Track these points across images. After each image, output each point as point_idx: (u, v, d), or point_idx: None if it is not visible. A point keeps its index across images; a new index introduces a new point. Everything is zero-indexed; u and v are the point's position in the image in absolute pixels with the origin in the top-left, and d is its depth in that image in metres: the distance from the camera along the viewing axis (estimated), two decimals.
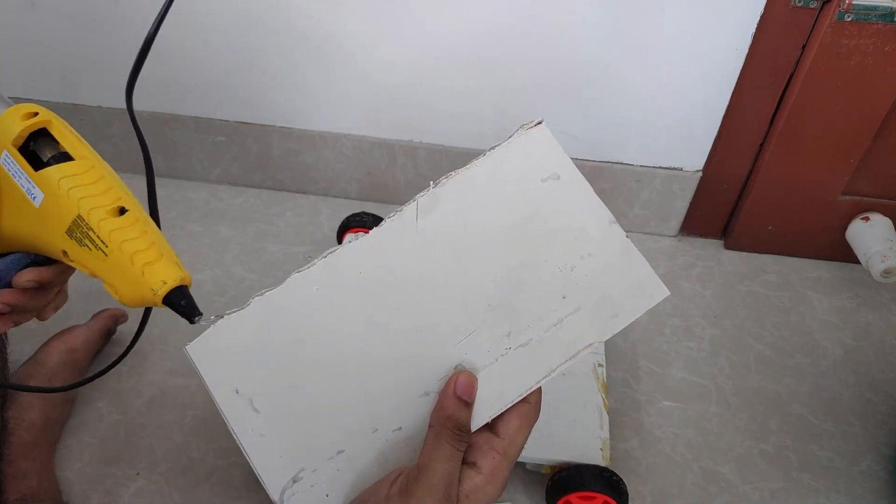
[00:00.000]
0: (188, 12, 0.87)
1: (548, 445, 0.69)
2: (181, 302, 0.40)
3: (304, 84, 0.96)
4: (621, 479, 0.67)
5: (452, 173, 0.42)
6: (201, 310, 0.40)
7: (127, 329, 0.87)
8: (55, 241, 0.41)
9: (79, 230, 0.39)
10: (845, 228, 0.97)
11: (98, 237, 0.39)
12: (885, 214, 0.94)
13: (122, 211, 0.40)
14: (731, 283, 0.99)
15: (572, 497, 0.67)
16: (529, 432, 0.42)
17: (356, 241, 0.40)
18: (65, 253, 0.41)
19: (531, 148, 0.42)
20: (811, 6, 0.77)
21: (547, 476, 0.70)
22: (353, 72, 0.93)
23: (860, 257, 0.94)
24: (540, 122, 0.43)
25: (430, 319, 0.41)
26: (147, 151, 0.46)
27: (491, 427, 0.42)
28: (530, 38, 0.85)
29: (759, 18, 0.79)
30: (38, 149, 0.41)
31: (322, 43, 0.90)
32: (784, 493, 0.76)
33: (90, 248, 0.40)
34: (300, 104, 0.98)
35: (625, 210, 1.02)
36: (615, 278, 0.42)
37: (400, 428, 0.41)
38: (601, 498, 0.66)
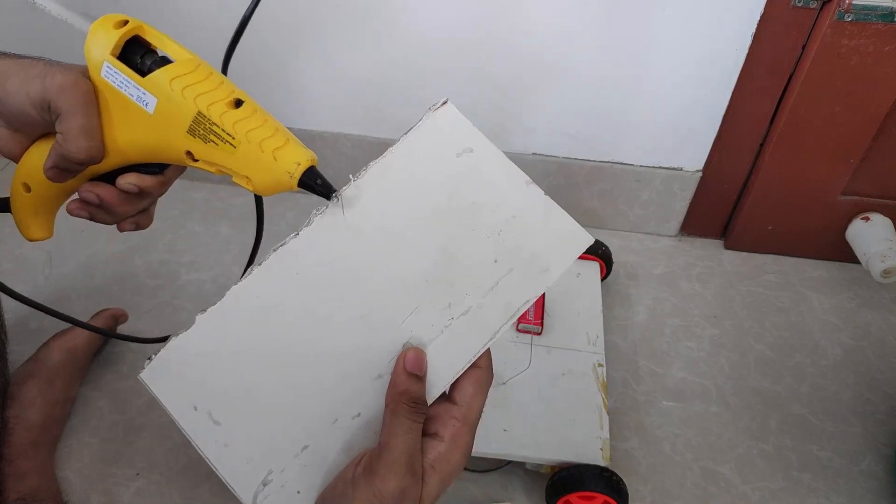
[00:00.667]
0: (186, 11, 0.88)
1: (548, 445, 0.69)
2: (317, 181, 0.40)
3: (303, 83, 0.96)
4: (621, 479, 0.67)
5: (371, 163, 0.43)
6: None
7: (128, 329, 0.87)
8: (177, 144, 0.40)
9: (201, 127, 0.39)
10: (845, 228, 0.97)
11: (223, 131, 0.39)
12: (885, 214, 0.94)
13: (239, 103, 0.40)
14: (731, 283, 0.99)
15: (572, 497, 0.67)
16: (486, 396, 0.43)
17: (288, 244, 0.41)
18: (189, 154, 0.41)
19: (441, 126, 0.44)
20: (811, 6, 0.77)
21: (547, 476, 0.70)
22: (353, 71, 0.93)
23: (860, 257, 0.94)
24: (445, 101, 0.45)
25: (372, 306, 0.42)
26: None
27: (448, 397, 0.43)
28: (530, 38, 0.85)
29: (759, 18, 0.79)
30: (136, 56, 0.41)
31: (322, 43, 0.90)
32: (784, 492, 0.76)
33: (217, 143, 0.39)
34: (299, 104, 0.99)
35: (625, 210, 1.02)
36: (540, 235, 0.44)
37: (359, 414, 0.42)
38: (601, 498, 0.66)
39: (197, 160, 0.41)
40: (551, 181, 0.99)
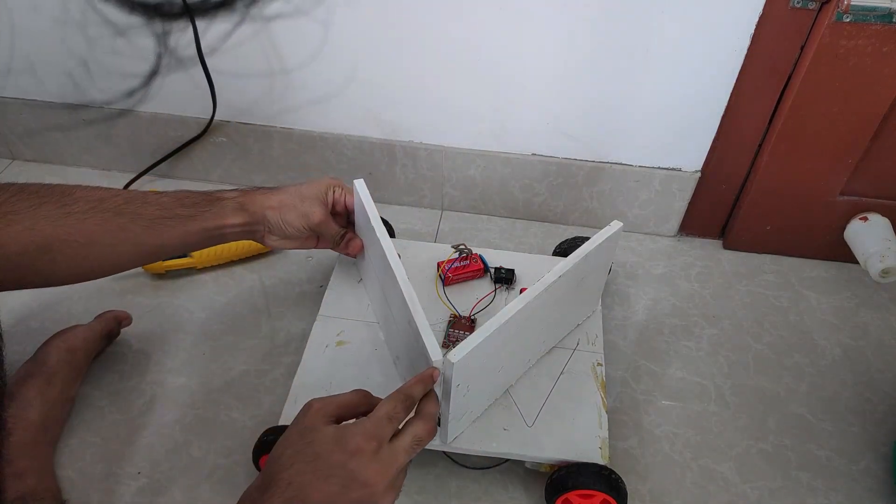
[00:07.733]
0: None
1: (547, 444, 0.70)
2: None
3: (304, 85, 0.96)
4: (620, 478, 0.67)
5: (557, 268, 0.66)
6: None
7: (130, 331, 0.87)
8: None
9: None
10: (843, 228, 0.98)
11: None
12: (884, 214, 0.95)
13: None
14: (730, 283, 0.99)
15: (571, 495, 0.67)
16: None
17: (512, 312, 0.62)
18: None
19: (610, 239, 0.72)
20: (810, 7, 0.78)
21: (546, 474, 0.70)
22: (354, 72, 0.93)
23: (858, 257, 0.94)
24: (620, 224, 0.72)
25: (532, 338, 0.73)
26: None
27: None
28: (529, 38, 0.86)
29: (757, 19, 0.80)
30: None
31: (323, 44, 0.90)
32: (783, 492, 0.76)
33: None
34: (301, 105, 0.99)
35: (624, 210, 1.03)
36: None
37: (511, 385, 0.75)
38: (600, 496, 0.66)
39: None
40: (551, 181, 1.00)
